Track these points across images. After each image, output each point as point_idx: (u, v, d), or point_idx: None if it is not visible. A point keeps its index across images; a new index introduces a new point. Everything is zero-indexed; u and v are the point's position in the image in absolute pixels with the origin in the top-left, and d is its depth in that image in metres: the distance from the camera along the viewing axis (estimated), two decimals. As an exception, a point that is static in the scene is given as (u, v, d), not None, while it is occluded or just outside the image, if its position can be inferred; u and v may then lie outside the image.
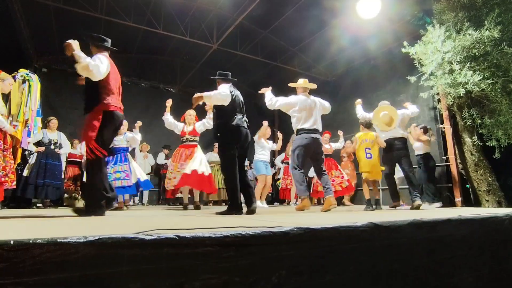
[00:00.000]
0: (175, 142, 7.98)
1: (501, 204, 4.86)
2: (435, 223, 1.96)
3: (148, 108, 8.95)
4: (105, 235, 0.98)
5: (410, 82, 5.47)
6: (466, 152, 5.36)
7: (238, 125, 3.13)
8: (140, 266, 1.05)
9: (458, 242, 2.12)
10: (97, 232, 1.05)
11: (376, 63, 7.40)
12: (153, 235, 1.05)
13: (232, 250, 1.20)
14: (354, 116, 7.59)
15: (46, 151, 5.20)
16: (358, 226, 1.54)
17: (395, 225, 1.70)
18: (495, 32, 4.28)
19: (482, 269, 2.29)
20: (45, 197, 5.18)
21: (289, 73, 8.69)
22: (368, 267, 1.60)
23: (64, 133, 5.70)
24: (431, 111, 6.20)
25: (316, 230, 1.38)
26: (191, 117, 5.06)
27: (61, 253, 0.91)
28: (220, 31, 7.14)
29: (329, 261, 1.44)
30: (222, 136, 3.14)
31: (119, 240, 1.00)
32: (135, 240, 1.02)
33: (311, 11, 6.48)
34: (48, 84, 7.91)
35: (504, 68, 4.40)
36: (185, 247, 1.11)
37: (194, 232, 1.13)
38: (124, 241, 1.00)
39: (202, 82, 9.76)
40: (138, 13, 6.58)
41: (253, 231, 1.22)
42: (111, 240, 0.98)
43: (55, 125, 5.44)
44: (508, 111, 4.49)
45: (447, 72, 4.75)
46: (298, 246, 1.34)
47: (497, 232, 2.47)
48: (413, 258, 1.84)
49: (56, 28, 7.00)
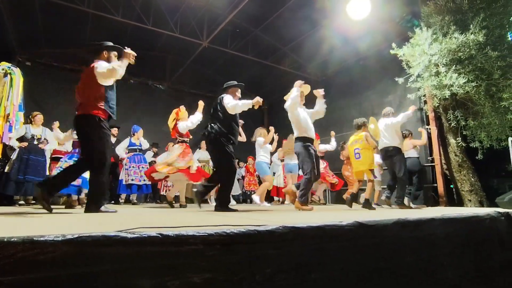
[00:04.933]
0: (163, 139, 7.90)
1: (483, 204, 4.99)
2: (419, 222, 1.99)
3: (136, 104, 8.80)
4: (85, 233, 0.95)
5: (398, 83, 5.55)
6: (450, 153, 5.49)
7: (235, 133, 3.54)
8: (122, 265, 1.02)
9: (442, 240, 2.17)
10: (77, 230, 1.02)
11: (366, 64, 7.48)
12: (136, 233, 1.03)
13: (217, 249, 1.18)
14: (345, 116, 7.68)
15: (29, 146, 5.05)
16: (343, 225, 1.55)
17: (380, 224, 1.72)
18: (479, 36, 4.38)
19: (466, 267, 2.35)
20: (27, 193, 5.02)
21: (280, 72, 8.71)
22: (354, 265, 1.61)
23: (49, 128, 5.55)
24: (417, 112, 6.31)
25: (302, 228, 1.38)
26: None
27: (38, 252, 0.88)
28: (211, 28, 7.08)
29: (315, 260, 1.44)
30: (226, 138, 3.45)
31: (100, 238, 0.97)
32: (116, 239, 0.99)
33: (303, 11, 6.49)
34: (32, 78, 7.68)
35: (487, 72, 4.51)
36: (169, 245, 1.09)
37: (178, 230, 1.11)
38: (105, 240, 0.98)
39: (191, 79, 9.69)
40: (127, 8, 6.46)
41: (238, 229, 1.21)
42: (91, 238, 0.96)
43: (40, 120, 5.29)
44: (490, 114, 4.60)
45: (433, 74, 4.84)
46: (284, 245, 1.33)
47: (479, 231, 2.53)
48: (399, 257, 1.86)
49: (41, 21, 6.80)
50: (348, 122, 7.19)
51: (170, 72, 9.20)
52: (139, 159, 6.26)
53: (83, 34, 7.39)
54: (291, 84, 4.22)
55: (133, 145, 6.31)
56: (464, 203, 5.20)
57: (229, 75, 9.28)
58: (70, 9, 6.04)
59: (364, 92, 7.46)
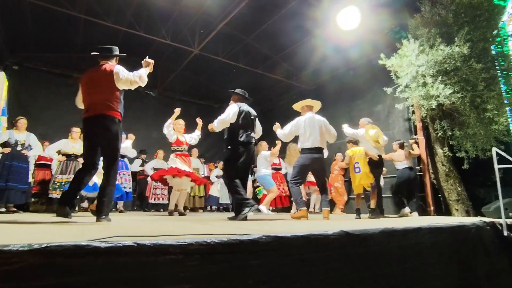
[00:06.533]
0: (152, 147, 7.80)
1: (469, 213, 5.04)
2: (406, 231, 1.99)
3: (127, 111, 8.66)
4: (54, 242, 0.90)
5: (387, 93, 5.63)
6: (438, 162, 5.56)
7: (246, 141, 3.47)
8: (95, 276, 0.97)
9: (428, 249, 2.16)
10: (46, 239, 0.97)
11: (356, 73, 7.59)
12: (110, 242, 0.99)
13: (197, 259, 1.15)
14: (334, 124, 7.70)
15: (12, 152, 4.90)
16: (329, 234, 1.53)
17: (366, 233, 1.71)
18: (464, 49, 4.50)
19: (452, 276, 2.35)
20: (8, 201, 4.85)
21: (271, 81, 8.75)
22: (339, 275, 1.58)
23: (34, 134, 5.41)
24: (406, 122, 6.40)
25: (286, 238, 1.35)
26: (181, 126, 5.04)
27: (2, 262, 0.83)
28: (202, 36, 7.09)
29: (299, 269, 1.41)
30: (230, 150, 3.48)
31: (71, 247, 0.92)
32: (88, 248, 0.95)
33: (294, 20, 6.57)
34: (20, 82, 7.54)
35: (472, 83, 4.62)
36: (146, 255, 1.05)
37: (156, 239, 1.07)
38: (76, 249, 0.93)
39: (182, 86, 9.65)
40: (119, 14, 6.43)
41: (219, 238, 1.18)
42: (61, 248, 0.91)
43: (23, 126, 5.12)
44: (475, 124, 4.70)
45: (420, 84, 4.93)
46: (267, 254, 1.30)
47: (465, 240, 2.54)
48: (385, 266, 1.84)
49: (31, 24, 6.71)
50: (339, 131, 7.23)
51: (161, 79, 9.15)
52: (120, 166, 6.15)
53: (74, 39, 7.32)
54: (283, 92, 4.25)
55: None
56: (451, 212, 5.25)
57: (221, 83, 9.32)
58: (60, 13, 5.98)
59: (354, 101, 7.55)
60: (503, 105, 4.64)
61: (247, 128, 3.57)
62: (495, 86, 4.65)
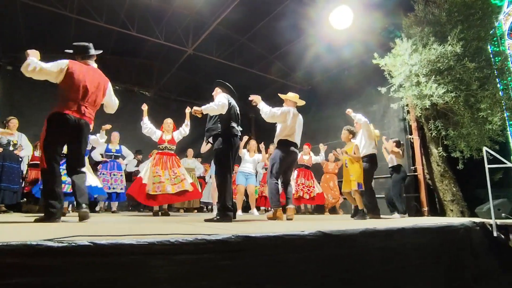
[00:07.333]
0: (147, 147, 7.75)
1: (464, 214, 4.99)
2: (388, 232, 1.95)
3: (121, 111, 8.64)
4: (2, 242, 0.87)
5: (382, 93, 5.59)
6: (432, 162, 5.52)
7: (234, 134, 3.29)
8: (47, 277, 0.94)
9: (413, 251, 2.12)
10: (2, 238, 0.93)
11: (350, 73, 7.56)
12: (64, 242, 0.95)
13: (161, 259, 1.11)
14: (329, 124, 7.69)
15: (3, 152, 4.88)
16: (305, 234, 1.49)
17: (346, 234, 1.67)
18: (457, 48, 4.46)
19: (438, 278, 2.30)
20: (3, 201, 4.82)
21: (265, 80, 8.72)
22: (316, 277, 1.54)
23: (28, 134, 5.37)
24: (400, 122, 6.36)
25: (257, 238, 1.31)
26: (169, 125, 5.00)
27: None
28: (196, 36, 7.07)
29: (272, 271, 1.37)
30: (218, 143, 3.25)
31: (20, 247, 0.89)
32: (40, 248, 0.91)
33: (288, 20, 6.54)
34: (13, 82, 7.50)
35: (466, 82, 4.58)
36: (104, 256, 1.01)
37: (115, 239, 1.03)
38: (26, 249, 0.89)
39: (178, 87, 9.61)
40: (111, 13, 6.40)
41: (185, 238, 1.14)
42: (9, 247, 0.87)
43: (15, 126, 5.11)
44: (469, 124, 4.65)
45: (414, 84, 4.89)
46: (237, 255, 1.26)
47: (453, 241, 2.50)
48: (365, 268, 1.80)
49: (23, 24, 6.69)
50: (334, 131, 7.23)
51: (156, 79, 9.12)
52: (111, 166, 6.13)
53: (67, 38, 7.28)
54: (278, 92, 4.19)
55: (109, 151, 6.21)
56: (446, 213, 5.20)
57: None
58: (53, 13, 5.96)
59: (349, 101, 7.50)
60: (497, 104, 4.59)
61: (237, 122, 3.44)
62: (489, 85, 4.61)
